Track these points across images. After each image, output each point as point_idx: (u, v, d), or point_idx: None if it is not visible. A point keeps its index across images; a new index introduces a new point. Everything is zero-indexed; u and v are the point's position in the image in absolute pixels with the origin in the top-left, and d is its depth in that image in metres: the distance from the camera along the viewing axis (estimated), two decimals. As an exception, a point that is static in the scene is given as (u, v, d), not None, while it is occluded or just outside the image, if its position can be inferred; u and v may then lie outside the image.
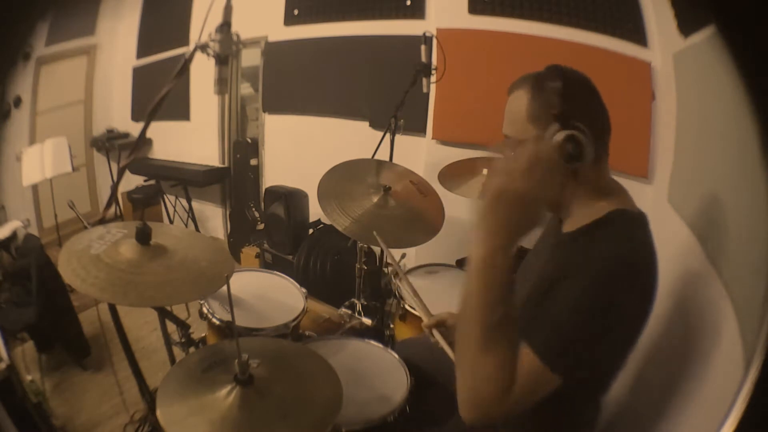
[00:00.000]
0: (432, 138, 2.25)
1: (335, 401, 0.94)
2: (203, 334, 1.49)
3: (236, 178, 2.96)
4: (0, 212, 2.00)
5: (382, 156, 1.80)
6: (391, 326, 1.67)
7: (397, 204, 1.57)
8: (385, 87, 2.21)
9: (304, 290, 1.58)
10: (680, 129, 1.37)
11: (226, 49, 1.09)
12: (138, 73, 2.84)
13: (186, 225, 2.76)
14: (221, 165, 2.97)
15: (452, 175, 1.92)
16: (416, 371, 1.24)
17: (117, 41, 2.77)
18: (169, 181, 2.77)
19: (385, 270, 2.10)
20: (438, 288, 1.67)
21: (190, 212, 2.80)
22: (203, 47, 1.08)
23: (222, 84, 1.16)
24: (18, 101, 2.28)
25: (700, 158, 1.23)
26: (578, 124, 0.84)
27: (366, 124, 2.43)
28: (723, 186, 1.03)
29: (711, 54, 0.96)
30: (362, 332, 1.83)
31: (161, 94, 1.08)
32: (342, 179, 1.60)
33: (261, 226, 2.80)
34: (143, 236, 1.03)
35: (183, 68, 1.09)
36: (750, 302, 0.82)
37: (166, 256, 1.05)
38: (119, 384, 1.73)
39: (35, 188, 2.35)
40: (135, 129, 2.78)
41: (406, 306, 1.53)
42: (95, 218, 1.20)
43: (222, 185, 3.03)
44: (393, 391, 1.18)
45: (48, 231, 2.29)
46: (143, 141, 1.17)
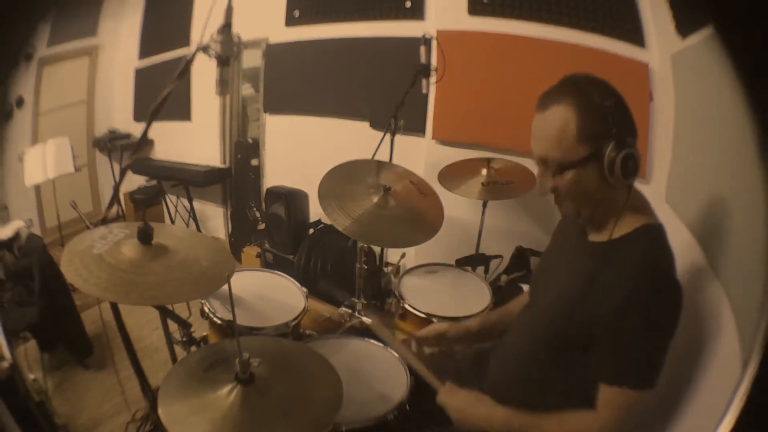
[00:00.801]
0: (432, 138, 2.25)
1: (335, 400, 0.95)
2: (204, 333, 1.50)
3: (237, 179, 2.97)
4: (3, 212, 2.01)
5: (382, 156, 1.81)
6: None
7: (397, 204, 1.57)
8: (385, 87, 2.21)
9: (305, 289, 1.58)
10: (678, 129, 1.38)
11: (228, 50, 1.10)
12: (140, 74, 2.85)
13: (187, 225, 2.77)
14: (222, 165, 2.97)
15: (452, 175, 1.92)
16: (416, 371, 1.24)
17: (119, 42, 2.78)
18: (171, 182, 2.78)
19: (385, 270, 2.11)
20: (438, 288, 1.68)
21: (192, 212, 2.80)
22: (205, 48, 1.09)
23: (223, 85, 1.17)
24: (20, 102, 2.29)
25: (698, 158, 1.23)
26: (630, 140, 0.88)
27: (366, 125, 2.43)
28: (721, 186, 1.04)
29: (709, 55, 0.97)
30: (362, 331, 1.83)
31: (163, 95, 1.09)
32: (342, 179, 1.60)
33: (262, 226, 2.81)
34: (145, 236, 1.04)
35: (184, 69, 1.09)
36: (748, 302, 0.83)
37: (168, 256, 1.06)
38: (121, 383, 1.74)
39: (38, 188, 2.36)
40: (137, 129, 2.78)
41: (406, 305, 1.53)
42: (97, 218, 1.20)
43: (223, 185, 3.04)
44: (393, 390, 1.18)
45: (50, 231, 2.30)
46: (145, 141, 1.18)
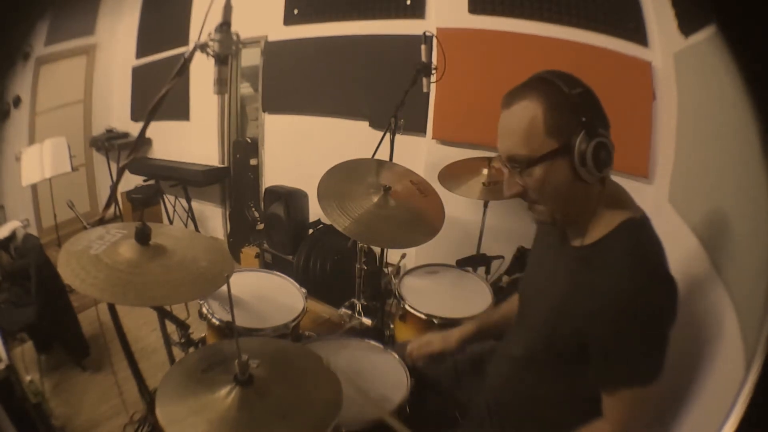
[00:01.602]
0: (432, 138, 2.24)
1: (335, 402, 0.94)
2: (203, 335, 1.49)
3: (236, 178, 2.96)
4: (-1, 212, 2.00)
5: (382, 156, 1.80)
6: (391, 326, 1.67)
7: (397, 204, 1.56)
8: (385, 87, 2.20)
9: (304, 290, 1.57)
10: (681, 129, 1.37)
11: (226, 49, 1.09)
12: (137, 73, 2.84)
13: (186, 225, 2.76)
14: (221, 165, 2.96)
15: (452, 175, 1.91)
16: (416, 372, 1.24)
17: (116, 41, 2.77)
18: (169, 181, 2.77)
19: (385, 270, 2.10)
20: (439, 289, 1.67)
21: (190, 212, 2.79)
22: (203, 47, 1.08)
23: (222, 84, 1.16)
24: (17, 101, 2.28)
25: (701, 158, 1.23)
26: (601, 130, 0.83)
27: (366, 124, 2.43)
28: (724, 186, 1.03)
29: (712, 53, 0.96)
30: (362, 332, 1.83)
31: (161, 94, 1.08)
32: (342, 179, 1.59)
33: (261, 226, 2.80)
34: (142, 236, 1.03)
35: (182, 68, 1.08)
36: (751, 303, 0.82)
37: (166, 256, 1.05)
38: (119, 384, 1.73)
39: (34, 188, 2.35)
40: (134, 129, 2.77)
41: (406, 306, 1.52)
42: (94, 218, 1.19)
43: (222, 185, 3.03)
44: (393, 392, 1.17)
45: (47, 231, 2.29)
46: (143, 141, 1.17)
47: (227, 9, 1.08)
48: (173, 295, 1.04)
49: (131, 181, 2.84)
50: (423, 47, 1.80)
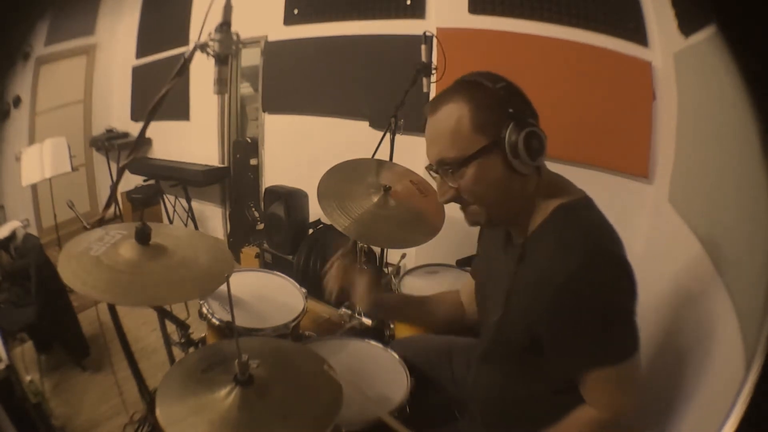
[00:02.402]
0: (432, 138, 2.24)
1: (335, 401, 0.94)
2: (203, 335, 1.49)
3: (236, 178, 2.96)
4: (-1, 212, 1.99)
5: (382, 156, 1.80)
6: (391, 326, 1.67)
7: (397, 204, 1.56)
8: (385, 87, 2.20)
9: (304, 290, 1.57)
10: (681, 129, 1.37)
11: (226, 49, 1.08)
12: (137, 73, 2.84)
13: (186, 225, 2.76)
14: (221, 165, 2.96)
15: (452, 175, 1.91)
16: (416, 371, 1.24)
17: (116, 41, 2.76)
18: (169, 181, 2.77)
19: (385, 270, 2.10)
20: (438, 288, 1.66)
21: (190, 212, 2.79)
22: (203, 47, 1.08)
23: (221, 84, 1.16)
24: (17, 101, 2.28)
25: (701, 158, 1.23)
26: (530, 120, 0.82)
27: (366, 124, 2.42)
28: (724, 186, 1.03)
29: (712, 54, 0.96)
30: (362, 332, 1.83)
31: (161, 94, 1.08)
32: (342, 179, 1.59)
33: (261, 226, 2.80)
34: (143, 236, 1.03)
35: (182, 68, 1.08)
36: (751, 303, 0.82)
37: (166, 256, 1.05)
38: (119, 384, 1.73)
39: (34, 188, 2.34)
40: (134, 129, 2.77)
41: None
42: (95, 218, 1.19)
43: (222, 185, 3.03)
44: (393, 391, 1.17)
45: (47, 231, 2.28)
46: (143, 141, 1.17)
47: (227, 9, 1.08)
48: (174, 295, 1.04)
49: (131, 181, 2.83)
50: (423, 47, 1.80)
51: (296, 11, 2.56)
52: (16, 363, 1.71)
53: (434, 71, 1.84)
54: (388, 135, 1.83)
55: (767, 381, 0.70)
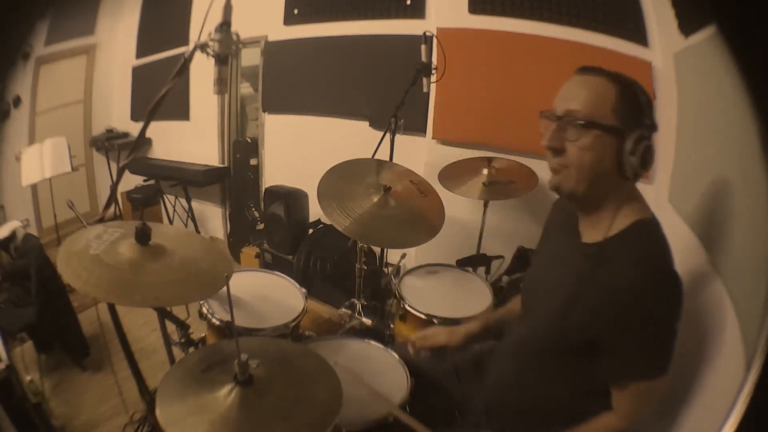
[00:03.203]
0: (432, 138, 2.24)
1: (335, 401, 0.94)
2: (203, 335, 1.49)
3: (236, 178, 2.96)
4: (-1, 212, 1.99)
5: (382, 156, 1.80)
6: (391, 326, 1.67)
7: (397, 204, 1.56)
8: (385, 87, 2.20)
9: (304, 290, 1.57)
10: (681, 129, 1.37)
11: (226, 49, 1.08)
12: (137, 73, 2.84)
13: (186, 225, 2.76)
14: (221, 165, 2.96)
15: (453, 175, 1.91)
16: (416, 372, 1.24)
17: (116, 41, 2.77)
18: (169, 181, 2.77)
19: (385, 270, 2.10)
20: (439, 289, 1.67)
21: (190, 212, 2.79)
22: (203, 47, 1.08)
23: (222, 84, 1.16)
24: (17, 101, 2.28)
25: (701, 158, 1.23)
26: (653, 137, 0.88)
27: (366, 124, 2.43)
28: (723, 186, 1.03)
29: (712, 54, 0.96)
30: (362, 332, 1.83)
31: (161, 94, 1.08)
32: (342, 179, 1.59)
33: (261, 226, 2.80)
34: (143, 236, 1.03)
35: (182, 68, 1.08)
36: (751, 302, 0.82)
37: (166, 256, 1.05)
38: (119, 384, 1.73)
39: (34, 188, 2.35)
40: (134, 129, 2.78)
41: (406, 306, 1.52)
42: (94, 218, 1.19)
43: (222, 185, 3.03)
44: (393, 392, 1.17)
45: (47, 231, 2.29)
46: (143, 141, 1.17)
47: (227, 9, 1.08)
48: (177, 296, 1.04)
49: (131, 181, 2.84)
50: (423, 47, 1.80)
51: (296, 11, 2.56)
52: (16, 363, 1.71)
53: (434, 71, 1.84)
54: (388, 135, 1.83)
55: (767, 381, 0.70)
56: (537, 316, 1.02)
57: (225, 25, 1.07)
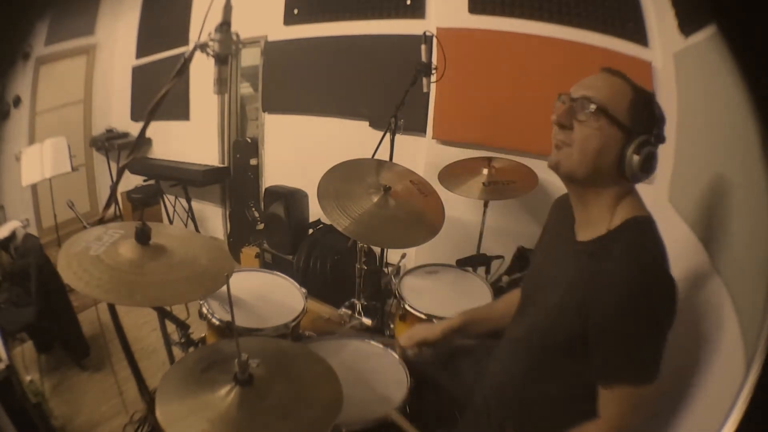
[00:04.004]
0: (432, 138, 2.24)
1: (335, 401, 0.94)
2: (203, 335, 1.49)
3: (236, 178, 2.96)
4: (-1, 212, 1.99)
5: (382, 156, 1.80)
6: (391, 326, 1.67)
7: (397, 204, 1.56)
8: (385, 87, 2.20)
9: (304, 290, 1.57)
10: (681, 129, 1.37)
11: (226, 49, 1.08)
12: (137, 73, 2.84)
13: (186, 225, 2.76)
14: (221, 165, 2.96)
15: (453, 175, 1.91)
16: (416, 372, 1.24)
17: (116, 41, 2.77)
18: (169, 181, 2.77)
19: (385, 270, 2.10)
20: (439, 288, 1.67)
21: (190, 212, 2.79)
22: (203, 47, 1.08)
23: (221, 84, 1.16)
24: (17, 101, 2.28)
25: (701, 158, 1.23)
26: (658, 147, 0.89)
27: (366, 124, 2.43)
28: (724, 186, 1.03)
29: (712, 54, 0.96)
30: (362, 332, 1.83)
31: (161, 94, 1.08)
32: (342, 179, 1.59)
33: (261, 226, 2.80)
34: (143, 236, 1.03)
35: (182, 68, 1.08)
36: (751, 302, 0.82)
37: (167, 256, 1.05)
38: (118, 384, 1.73)
39: (34, 188, 2.35)
40: (134, 129, 2.78)
41: (406, 306, 1.52)
42: (94, 218, 1.19)
43: (222, 185, 3.03)
44: (393, 391, 1.17)
45: (47, 231, 2.29)
46: (143, 141, 1.17)
47: (227, 9, 1.08)
48: (178, 295, 1.04)
49: (131, 181, 2.84)
50: (423, 47, 1.80)
51: (296, 11, 2.56)
52: (17, 363, 1.71)
53: (434, 71, 1.84)
54: (388, 135, 1.83)
55: (767, 381, 0.69)
56: (536, 313, 1.02)
57: (225, 25, 1.07)
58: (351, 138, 2.48)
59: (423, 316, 1.48)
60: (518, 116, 1.89)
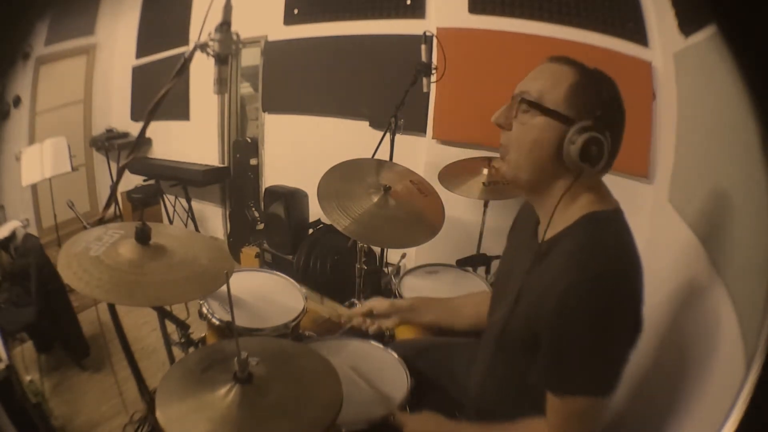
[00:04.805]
0: (432, 138, 2.25)
1: (335, 401, 0.94)
2: (203, 335, 1.49)
3: (236, 178, 2.96)
4: (-1, 212, 2.00)
5: (382, 156, 1.80)
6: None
7: (397, 204, 1.56)
8: (385, 87, 2.20)
9: (304, 290, 1.57)
10: (681, 129, 1.37)
11: (226, 49, 1.08)
12: (137, 73, 2.84)
13: (186, 225, 2.76)
14: (221, 165, 2.97)
15: (452, 175, 1.91)
16: (416, 372, 1.24)
17: (116, 40, 2.77)
18: (169, 181, 2.77)
19: (385, 270, 2.10)
20: (438, 288, 1.67)
21: (190, 212, 2.79)
22: (203, 47, 1.08)
23: (222, 83, 1.16)
24: (17, 101, 2.28)
25: (701, 158, 1.23)
26: (608, 134, 0.83)
27: (366, 124, 2.43)
28: (724, 186, 1.03)
29: (712, 54, 0.96)
30: (362, 332, 1.83)
31: (161, 94, 1.08)
32: (342, 179, 1.59)
33: (261, 226, 2.80)
34: (143, 236, 1.03)
35: (182, 68, 1.08)
36: (751, 302, 0.82)
37: (167, 256, 1.05)
38: (119, 384, 1.73)
39: (34, 188, 2.35)
40: (134, 128, 2.78)
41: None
42: (95, 218, 1.19)
43: (222, 185, 3.03)
44: (393, 391, 1.17)
45: (47, 231, 2.29)
46: (143, 140, 1.17)
47: (227, 9, 1.08)
48: (178, 295, 1.04)
49: (131, 181, 2.84)
50: (423, 47, 1.80)
51: (296, 11, 2.56)
52: (17, 363, 1.71)
53: (434, 71, 1.85)
54: (388, 135, 1.83)
55: (767, 381, 0.69)
56: (498, 317, 1.01)
57: (225, 25, 1.07)
58: (351, 138, 2.48)
59: (423, 316, 1.48)
60: (518, 116, 1.89)
